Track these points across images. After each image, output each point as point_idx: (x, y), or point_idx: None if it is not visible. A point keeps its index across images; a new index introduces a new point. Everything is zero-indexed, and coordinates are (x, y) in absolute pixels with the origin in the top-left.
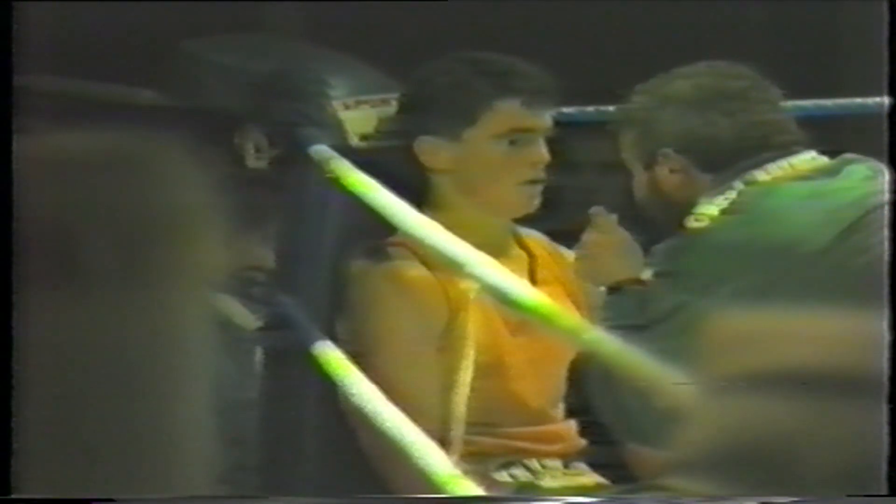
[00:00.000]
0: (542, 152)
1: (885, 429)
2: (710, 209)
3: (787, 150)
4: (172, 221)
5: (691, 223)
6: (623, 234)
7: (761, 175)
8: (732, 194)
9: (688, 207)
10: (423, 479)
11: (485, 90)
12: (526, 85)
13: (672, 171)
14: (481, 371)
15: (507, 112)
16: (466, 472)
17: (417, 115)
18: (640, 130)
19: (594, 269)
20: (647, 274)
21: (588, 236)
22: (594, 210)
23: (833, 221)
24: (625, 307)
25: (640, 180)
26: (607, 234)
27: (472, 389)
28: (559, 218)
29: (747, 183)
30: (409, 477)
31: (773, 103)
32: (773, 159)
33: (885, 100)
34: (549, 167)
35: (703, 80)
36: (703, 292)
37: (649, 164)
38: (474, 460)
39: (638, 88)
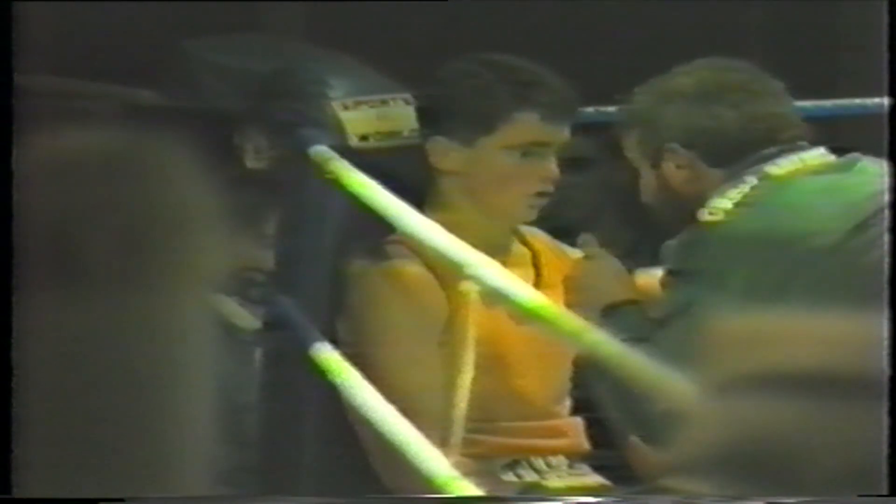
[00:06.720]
0: (553, 168)
1: (886, 429)
2: (723, 203)
3: (793, 144)
4: (172, 222)
5: (705, 217)
6: (611, 259)
7: (774, 169)
8: (746, 188)
9: (696, 203)
10: (422, 479)
11: (506, 100)
12: (548, 98)
13: (679, 166)
14: (484, 364)
15: (526, 125)
16: (472, 474)
17: (436, 115)
18: (645, 128)
19: (585, 295)
20: (657, 274)
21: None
22: (582, 238)
23: (849, 215)
24: (622, 324)
25: (647, 179)
26: (595, 259)
27: (475, 384)
28: (559, 217)
29: (760, 177)
30: (408, 477)
31: (776, 96)
32: (782, 154)
33: (885, 100)
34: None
35: (704, 75)
36: (717, 286)
37: (656, 162)
38: (479, 461)
39: (639, 88)
